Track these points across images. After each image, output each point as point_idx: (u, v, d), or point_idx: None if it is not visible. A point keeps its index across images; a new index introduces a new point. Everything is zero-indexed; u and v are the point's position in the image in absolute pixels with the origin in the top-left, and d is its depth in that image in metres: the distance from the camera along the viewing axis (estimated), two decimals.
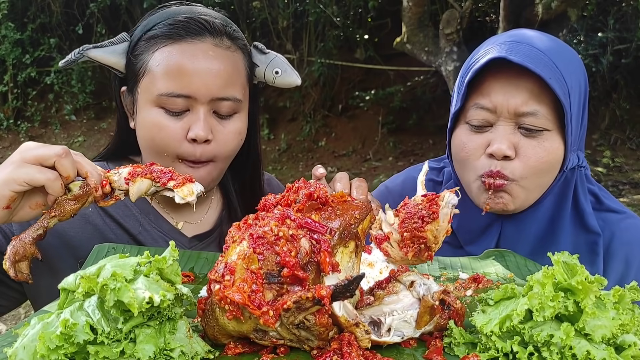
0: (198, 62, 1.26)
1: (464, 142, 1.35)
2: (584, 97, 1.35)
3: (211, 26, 1.30)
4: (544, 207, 1.39)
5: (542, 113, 1.27)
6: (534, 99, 1.26)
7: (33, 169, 0.98)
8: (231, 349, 0.84)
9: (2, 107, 9.81)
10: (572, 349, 0.73)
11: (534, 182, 1.32)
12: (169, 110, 1.27)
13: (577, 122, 1.31)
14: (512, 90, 1.27)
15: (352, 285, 0.76)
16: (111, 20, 9.29)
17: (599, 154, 7.10)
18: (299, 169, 8.24)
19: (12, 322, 4.31)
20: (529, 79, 1.26)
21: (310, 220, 0.85)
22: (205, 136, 1.27)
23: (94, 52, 1.32)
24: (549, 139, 1.29)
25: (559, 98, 1.24)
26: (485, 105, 1.30)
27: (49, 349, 0.71)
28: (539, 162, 1.29)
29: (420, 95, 8.35)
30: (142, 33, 1.32)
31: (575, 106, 1.29)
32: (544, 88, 1.25)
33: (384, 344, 0.84)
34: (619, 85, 7.44)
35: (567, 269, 0.80)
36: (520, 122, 1.28)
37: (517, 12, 5.18)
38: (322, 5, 8.33)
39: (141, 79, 1.30)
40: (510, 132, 1.29)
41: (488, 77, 1.31)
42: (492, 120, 1.31)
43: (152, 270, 0.80)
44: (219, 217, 1.53)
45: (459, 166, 1.40)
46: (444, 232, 1.06)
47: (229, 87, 1.29)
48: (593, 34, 7.23)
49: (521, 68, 1.24)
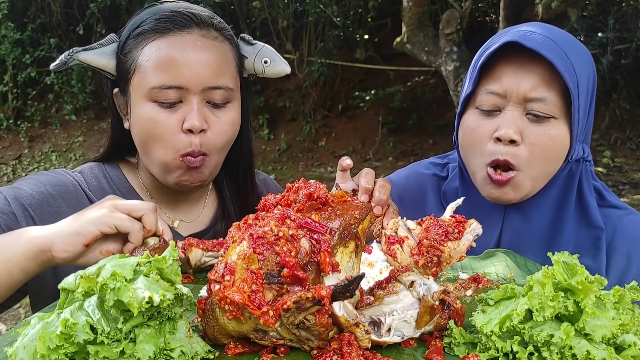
0: (187, 53, 1.27)
1: (473, 127, 1.37)
2: (592, 91, 1.36)
3: (197, 18, 1.31)
4: (549, 197, 1.40)
5: (551, 100, 1.28)
6: (544, 85, 1.28)
7: (124, 217, 1.09)
8: (231, 349, 0.84)
9: (2, 107, 9.80)
10: (572, 349, 0.73)
11: (540, 170, 1.33)
12: (162, 103, 1.27)
13: (584, 113, 1.32)
14: (523, 75, 1.29)
15: (352, 285, 0.76)
16: (111, 20, 9.29)
17: (599, 154, 7.10)
18: (299, 169, 8.25)
19: (12, 322, 4.31)
20: (540, 66, 1.28)
21: (310, 220, 0.85)
22: (200, 126, 1.27)
23: (83, 55, 1.31)
24: (556, 127, 1.30)
25: (568, 86, 1.26)
26: (496, 90, 1.32)
27: (49, 349, 0.71)
28: (545, 148, 1.30)
29: (420, 95, 8.35)
30: (130, 32, 1.32)
31: (583, 97, 1.31)
32: (554, 76, 1.27)
33: (384, 344, 0.84)
34: (619, 85, 7.44)
35: (567, 268, 0.80)
36: (528, 108, 1.30)
37: (517, 12, 5.19)
38: (322, 5, 8.33)
39: (132, 76, 1.30)
40: (518, 118, 1.30)
41: (500, 62, 1.33)
42: (502, 105, 1.32)
43: (152, 270, 0.80)
44: (214, 216, 1.53)
45: (466, 152, 1.41)
46: (459, 255, 1.06)
47: (219, 76, 1.30)
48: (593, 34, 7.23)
49: (533, 55, 1.27)
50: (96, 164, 1.45)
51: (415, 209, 1.57)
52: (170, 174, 1.33)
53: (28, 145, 9.60)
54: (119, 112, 1.40)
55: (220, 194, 1.55)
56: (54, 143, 9.61)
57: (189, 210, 1.50)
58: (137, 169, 1.47)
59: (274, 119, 9.13)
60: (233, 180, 1.54)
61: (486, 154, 1.34)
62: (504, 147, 1.31)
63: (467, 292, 1.10)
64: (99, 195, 1.37)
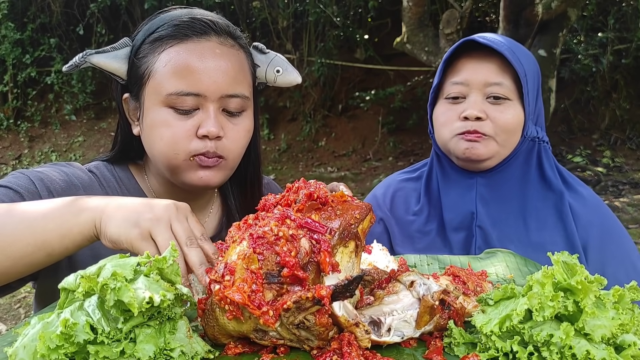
0: (206, 60, 1.26)
1: (443, 112, 1.62)
2: (538, 84, 1.61)
3: (215, 25, 1.30)
4: (513, 169, 1.61)
5: (506, 85, 1.54)
6: (499, 73, 1.55)
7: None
8: (231, 348, 0.84)
9: (2, 107, 9.81)
10: (572, 349, 0.73)
11: (504, 139, 1.56)
12: (178, 110, 1.26)
13: (533, 98, 1.58)
14: (481, 66, 1.57)
15: (352, 285, 0.77)
16: (111, 20, 9.30)
17: (599, 154, 7.10)
18: (299, 169, 8.25)
19: (12, 322, 4.31)
20: (494, 59, 1.55)
21: (310, 220, 0.85)
22: (217, 132, 1.26)
23: (96, 58, 1.30)
24: (512, 107, 1.55)
25: (517, 73, 1.52)
26: (459, 80, 1.58)
27: (49, 349, 0.71)
28: (505, 122, 1.55)
29: (420, 95, 8.35)
30: (145, 36, 1.31)
31: (531, 85, 1.56)
32: (507, 67, 1.54)
33: (384, 343, 0.85)
34: (619, 85, 7.44)
35: (566, 268, 0.80)
36: (488, 92, 1.55)
37: (517, 12, 5.18)
38: (322, 5, 8.34)
39: (147, 81, 1.29)
40: (480, 101, 1.56)
41: (461, 59, 1.60)
42: (465, 93, 1.58)
43: (152, 270, 0.80)
44: (219, 223, 1.52)
45: (439, 134, 1.63)
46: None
47: (237, 84, 1.30)
48: (593, 34, 7.24)
49: (487, 51, 1.55)
50: (103, 164, 1.43)
51: (401, 211, 1.74)
52: (181, 174, 1.31)
53: (28, 145, 9.60)
54: (128, 117, 1.38)
55: (225, 202, 1.54)
56: (54, 143, 9.62)
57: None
58: (144, 172, 1.46)
59: (274, 119, 9.13)
60: (240, 188, 1.52)
61: (456, 129, 1.57)
62: (471, 122, 1.54)
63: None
64: (111, 194, 1.35)
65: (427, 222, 1.68)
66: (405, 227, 1.71)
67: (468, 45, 1.58)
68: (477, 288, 1.02)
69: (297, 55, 8.60)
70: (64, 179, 1.30)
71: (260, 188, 1.55)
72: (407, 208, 1.74)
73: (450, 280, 1.01)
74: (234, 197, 1.53)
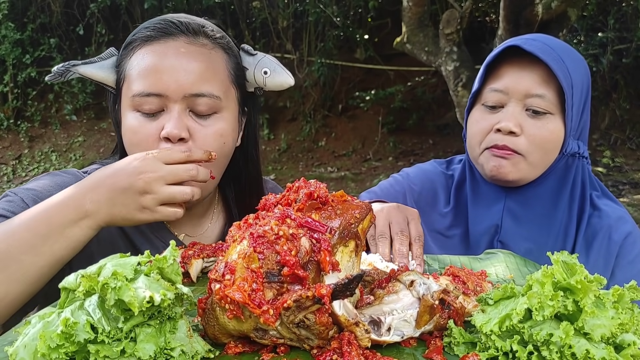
0: (168, 59, 1.23)
1: (478, 120, 1.53)
2: (586, 95, 1.50)
3: (184, 25, 1.28)
4: (547, 186, 1.52)
5: (548, 97, 1.43)
6: (542, 84, 1.43)
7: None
8: (231, 348, 0.84)
9: (2, 107, 9.80)
10: (572, 348, 0.73)
11: (537, 158, 1.46)
12: (144, 113, 1.24)
13: (577, 112, 1.47)
14: (524, 75, 1.45)
15: (352, 284, 0.77)
16: (111, 20, 9.29)
17: (599, 154, 7.10)
18: (299, 169, 8.24)
19: None
20: (539, 68, 1.43)
21: (311, 220, 0.85)
22: (178, 134, 1.21)
23: (83, 69, 1.30)
24: (552, 122, 1.45)
25: (562, 85, 1.40)
26: (498, 87, 1.48)
27: (50, 348, 0.71)
28: (542, 139, 1.44)
29: (420, 95, 8.36)
30: (124, 44, 1.31)
31: (577, 97, 1.45)
32: (551, 77, 1.42)
33: (384, 343, 0.85)
34: (619, 85, 7.44)
35: (566, 268, 0.80)
36: (528, 104, 1.45)
37: (517, 12, 5.17)
38: (322, 5, 8.34)
39: (122, 87, 1.28)
40: (518, 113, 1.45)
41: (503, 65, 1.49)
42: (504, 101, 1.47)
43: (152, 269, 0.81)
44: (221, 232, 1.49)
45: (470, 144, 1.57)
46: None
47: (203, 82, 1.25)
48: (593, 34, 7.24)
49: (532, 58, 1.42)
50: (98, 166, 1.43)
51: (428, 205, 1.68)
52: None
53: (28, 145, 9.60)
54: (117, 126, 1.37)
55: (229, 211, 1.51)
56: (54, 143, 9.61)
57: (194, 225, 1.45)
58: None
59: (274, 119, 9.13)
60: (241, 197, 1.50)
61: (487, 141, 1.49)
62: (503, 136, 1.45)
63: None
64: None
65: (451, 226, 1.64)
66: (426, 221, 1.63)
67: (512, 50, 1.46)
68: (477, 288, 1.02)
69: (297, 55, 8.60)
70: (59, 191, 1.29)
71: (261, 188, 1.54)
72: (434, 203, 1.68)
73: (450, 280, 1.01)
74: (235, 199, 1.51)
